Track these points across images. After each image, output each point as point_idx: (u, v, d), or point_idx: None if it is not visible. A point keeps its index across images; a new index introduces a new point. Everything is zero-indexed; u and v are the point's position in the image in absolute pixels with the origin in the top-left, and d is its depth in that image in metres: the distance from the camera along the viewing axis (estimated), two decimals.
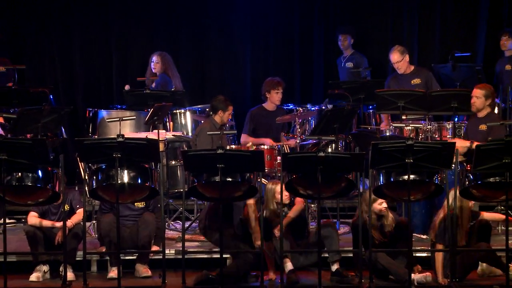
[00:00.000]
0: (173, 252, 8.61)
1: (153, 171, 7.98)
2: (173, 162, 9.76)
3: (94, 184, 7.91)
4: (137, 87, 10.58)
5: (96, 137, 10.23)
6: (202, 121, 9.74)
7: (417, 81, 10.54)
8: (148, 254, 8.51)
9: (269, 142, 9.71)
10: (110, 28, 12.45)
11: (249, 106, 10.76)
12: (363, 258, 7.96)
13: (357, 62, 11.67)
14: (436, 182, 7.79)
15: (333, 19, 12.38)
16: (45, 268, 8.45)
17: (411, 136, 9.33)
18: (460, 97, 9.23)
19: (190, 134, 10.26)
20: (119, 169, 7.65)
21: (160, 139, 9.22)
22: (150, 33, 12.46)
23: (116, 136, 7.61)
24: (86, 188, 8.25)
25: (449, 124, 9.60)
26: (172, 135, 9.91)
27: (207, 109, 9.59)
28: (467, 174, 7.90)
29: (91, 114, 10.74)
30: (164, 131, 9.88)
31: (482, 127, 8.97)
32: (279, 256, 8.03)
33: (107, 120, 9.78)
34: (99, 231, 8.60)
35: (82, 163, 8.99)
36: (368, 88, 10.42)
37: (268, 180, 9.25)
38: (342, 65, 11.69)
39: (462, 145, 8.24)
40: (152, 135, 9.50)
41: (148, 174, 7.89)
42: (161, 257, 8.03)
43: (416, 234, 8.93)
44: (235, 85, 12.26)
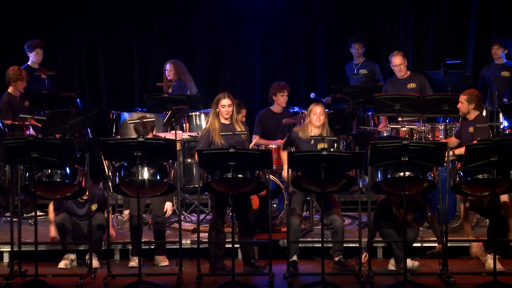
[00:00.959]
0: (189, 242, 8.64)
1: (170, 168, 7.97)
2: (189, 160, 9.75)
3: (117, 180, 7.89)
4: (156, 91, 10.57)
5: (119, 137, 10.22)
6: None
7: (412, 85, 10.53)
8: (164, 246, 8.50)
9: (278, 142, 9.70)
10: (132, 37, 12.46)
11: (258, 109, 10.76)
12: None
13: (370, 69, 11.65)
14: (429, 178, 7.77)
15: (334, 30, 12.36)
16: (73, 256, 8.46)
17: (406, 136, 9.31)
18: (451, 101, 9.22)
19: None
20: (139, 166, 7.64)
21: (177, 139, 9.22)
22: (168, 42, 12.46)
23: (137, 137, 7.63)
24: (110, 183, 8.22)
25: (441, 125, 9.58)
26: (188, 135, 9.91)
27: (211, 112, 9.58)
28: (458, 171, 7.87)
29: (114, 116, 10.75)
30: (180, 131, 9.88)
31: (471, 129, 8.96)
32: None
33: (129, 121, 9.77)
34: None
35: (106, 161, 8.98)
36: (367, 92, 10.41)
37: (275, 176, 9.26)
38: (356, 72, 11.64)
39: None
40: (170, 135, 9.49)
41: (166, 171, 7.88)
42: (178, 247, 8.03)
43: None
44: (245, 89, 12.25)
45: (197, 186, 9.00)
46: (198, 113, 10.35)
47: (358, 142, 9.94)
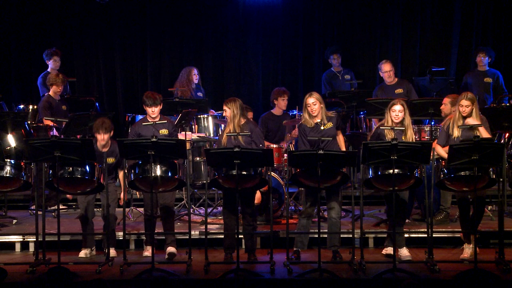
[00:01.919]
0: (198, 233, 8.63)
1: (181, 166, 7.99)
2: (198, 159, 9.74)
3: (132, 177, 7.90)
4: (167, 96, 10.57)
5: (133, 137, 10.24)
6: (223, 125, 9.72)
7: (400, 90, 10.54)
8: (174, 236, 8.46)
9: (288, 138, 9.75)
10: (146, 47, 12.48)
11: (261, 111, 10.76)
12: None
13: (351, 75, 11.69)
14: (416, 175, 7.78)
15: (330, 40, 12.37)
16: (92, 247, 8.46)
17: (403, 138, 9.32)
18: (436, 105, 9.20)
19: (212, 135, 10.25)
20: (153, 164, 7.66)
21: (187, 139, 9.22)
22: (179, 51, 12.47)
23: (150, 137, 7.63)
24: (126, 180, 8.23)
25: (427, 127, 9.56)
26: (197, 136, 9.91)
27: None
28: (442, 168, 7.87)
29: (129, 119, 10.75)
30: (190, 132, 9.87)
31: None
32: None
33: (143, 123, 9.79)
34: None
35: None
36: (360, 97, 10.41)
37: (276, 173, 9.25)
38: (341, 78, 11.65)
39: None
40: (180, 136, 9.49)
41: (177, 168, 7.89)
42: (188, 237, 8.03)
43: None
44: (249, 94, 12.26)
45: (205, 182, 9.01)
46: (206, 115, 10.35)
47: (352, 142, 9.94)
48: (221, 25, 12.43)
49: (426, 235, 8.13)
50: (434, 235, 8.07)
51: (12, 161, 8.04)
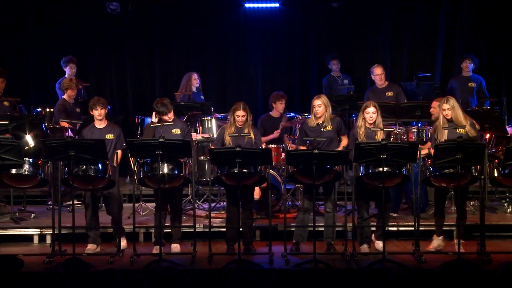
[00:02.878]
0: (202, 226, 8.60)
1: (186, 164, 7.98)
2: (202, 157, 9.71)
3: (141, 174, 7.90)
4: (173, 100, 10.53)
5: (142, 138, 10.21)
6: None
7: (390, 93, 10.50)
8: (180, 232, 8.35)
9: (276, 134, 9.70)
10: (154, 53, 12.48)
11: (260, 113, 10.73)
12: None
13: (348, 80, 11.67)
14: (404, 173, 7.77)
15: (325, 48, 12.35)
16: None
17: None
18: (422, 108, 9.19)
19: (215, 136, 10.21)
20: (160, 162, 7.65)
21: (192, 139, 9.19)
22: (184, 57, 12.47)
23: (158, 138, 7.62)
24: (135, 177, 8.21)
25: (414, 128, 9.54)
26: (201, 137, 9.89)
27: (229, 116, 9.55)
28: (427, 167, 7.86)
29: (139, 121, 10.73)
30: (195, 133, 9.84)
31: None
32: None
33: (151, 125, 9.75)
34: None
35: (132, 158, 8.96)
36: (352, 100, 10.39)
37: (275, 171, 9.23)
38: (340, 82, 11.63)
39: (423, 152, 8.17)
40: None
41: (183, 167, 7.89)
42: (192, 230, 8.02)
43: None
44: (249, 98, 12.20)
45: (208, 179, 8.99)
46: (209, 118, 10.32)
47: None
48: (223, 33, 12.42)
49: (413, 228, 8.12)
50: (420, 228, 8.06)
51: (31, 160, 8.03)
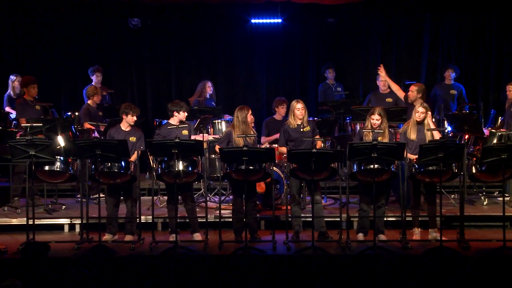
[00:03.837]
0: (213, 217, 8.63)
1: (199, 162, 8.01)
2: (213, 156, 9.74)
3: (159, 171, 7.93)
4: (188, 104, 10.58)
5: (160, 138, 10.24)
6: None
7: (390, 99, 10.46)
8: (197, 224, 8.28)
9: (278, 135, 9.72)
10: (170, 63, 12.49)
11: (265, 116, 10.75)
12: None
13: (341, 87, 11.68)
14: (392, 169, 7.78)
15: (322, 58, 12.36)
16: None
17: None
18: (407, 112, 9.21)
19: None
20: (176, 160, 7.69)
21: (204, 140, 9.23)
22: (197, 67, 12.47)
23: (174, 138, 7.66)
24: (154, 173, 8.25)
25: (401, 130, 9.55)
26: (212, 137, 9.91)
27: (234, 118, 9.58)
28: (413, 164, 7.88)
29: (157, 123, 10.76)
30: (207, 134, 9.88)
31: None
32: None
33: (168, 127, 9.80)
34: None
35: (151, 156, 9.01)
36: (346, 105, 10.41)
37: (278, 168, 9.25)
38: (334, 89, 11.64)
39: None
40: (199, 137, 9.50)
41: (196, 164, 7.91)
42: (205, 220, 8.07)
43: None
44: (255, 102, 12.24)
45: (219, 175, 9.03)
46: (220, 120, 10.36)
47: (340, 142, 9.95)
48: (232, 45, 12.43)
49: (400, 219, 8.14)
50: (407, 219, 8.08)
51: (62, 158, 8.07)
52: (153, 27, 12.24)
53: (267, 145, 9.59)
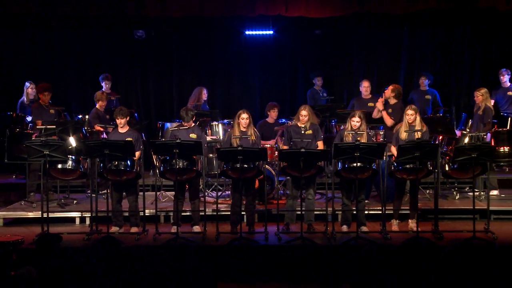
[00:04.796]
0: (211, 210, 8.61)
1: (198, 160, 8.01)
2: (211, 155, 9.72)
3: (162, 168, 7.93)
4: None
5: (163, 139, 10.21)
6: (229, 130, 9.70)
7: (372, 104, 10.43)
8: (198, 218, 8.25)
9: (272, 142, 9.72)
10: (172, 71, 12.45)
11: (258, 120, 10.74)
12: None
13: (326, 93, 11.69)
14: (374, 167, 7.80)
15: (310, 66, 12.37)
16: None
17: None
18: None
19: (221, 137, 10.23)
20: (177, 159, 7.68)
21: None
22: (197, 74, 12.43)
23: (175, 139, 7.65)
24: (157, 170, 8.24)
25: (381, 131, 9.58)
26: (210, 138, 9.91)
27: (232, 121, 9.57)
28: (392, 162, 7.90)
29: (160, 125, 10.74)
30: (205, 135, 9.86)
31: (389, 110, 9.19)
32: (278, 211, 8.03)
33: (170, 129, 9.79)
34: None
35: (154, 156, 9.01)
36: (332, 109, 10.41)
37: (270, 166, 9.25)
38: (321, 95, 11.64)
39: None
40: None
41: (195, 162, 7.92)
42: (203, 214, 8.06)
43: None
44: (249, 106, 12.13)
45: (216, 172, 9.03)
46: (217, 123, 10.36)
47: (326, 143, 9.90)
48: (228, 55, 12.41)
49: (380, 212, 8.16)
50: (386, 212, 8.10)
51: (73, 157, 8.07)
52: (157, 38, 12.23)
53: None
